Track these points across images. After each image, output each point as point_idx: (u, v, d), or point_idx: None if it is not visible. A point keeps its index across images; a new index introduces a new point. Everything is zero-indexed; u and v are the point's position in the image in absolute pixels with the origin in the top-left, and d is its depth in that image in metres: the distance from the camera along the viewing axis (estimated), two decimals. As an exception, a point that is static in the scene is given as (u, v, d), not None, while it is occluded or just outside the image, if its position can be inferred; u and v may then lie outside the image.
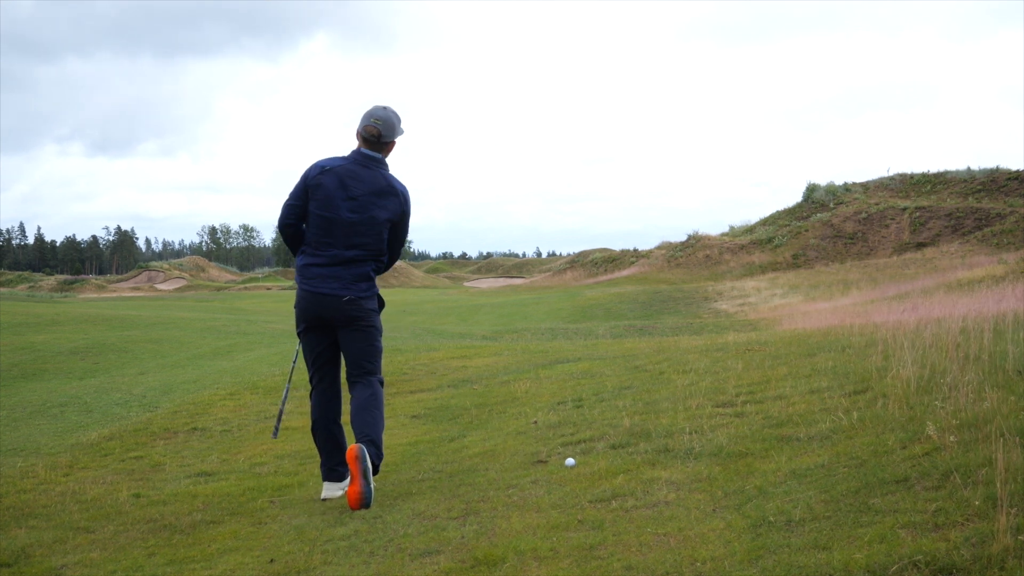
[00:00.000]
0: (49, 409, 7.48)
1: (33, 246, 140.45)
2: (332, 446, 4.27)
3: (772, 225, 35.77)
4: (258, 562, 3.30)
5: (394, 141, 4.23)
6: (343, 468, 4.26)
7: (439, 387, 7.58)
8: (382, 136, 4.15)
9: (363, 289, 4.20)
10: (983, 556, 2.27)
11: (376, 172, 4.17)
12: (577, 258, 51.84)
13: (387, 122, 4.16)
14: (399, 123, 4.23)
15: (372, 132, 4.14)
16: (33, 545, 3.74)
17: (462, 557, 3.01)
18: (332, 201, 4.12)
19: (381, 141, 4.17)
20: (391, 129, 4.17)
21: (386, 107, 4.22)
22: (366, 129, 4.15)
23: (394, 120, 4.19)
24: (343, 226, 4.13)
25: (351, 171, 4.15)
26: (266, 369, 9.35)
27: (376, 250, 4.22)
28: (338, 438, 4.28)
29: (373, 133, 4.14)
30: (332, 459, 4.26)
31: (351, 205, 4.11)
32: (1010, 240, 26.79)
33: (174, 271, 73.53)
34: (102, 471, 5.20)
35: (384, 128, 4.15)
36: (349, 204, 4.11)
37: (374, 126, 4.13)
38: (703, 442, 4.04)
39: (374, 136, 4.15)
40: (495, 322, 19.91)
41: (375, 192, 4.14)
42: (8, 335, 12.99)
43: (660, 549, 2.82)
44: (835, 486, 3.08)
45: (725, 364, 6.26)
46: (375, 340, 4.31)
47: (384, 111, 4.19)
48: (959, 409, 3.58)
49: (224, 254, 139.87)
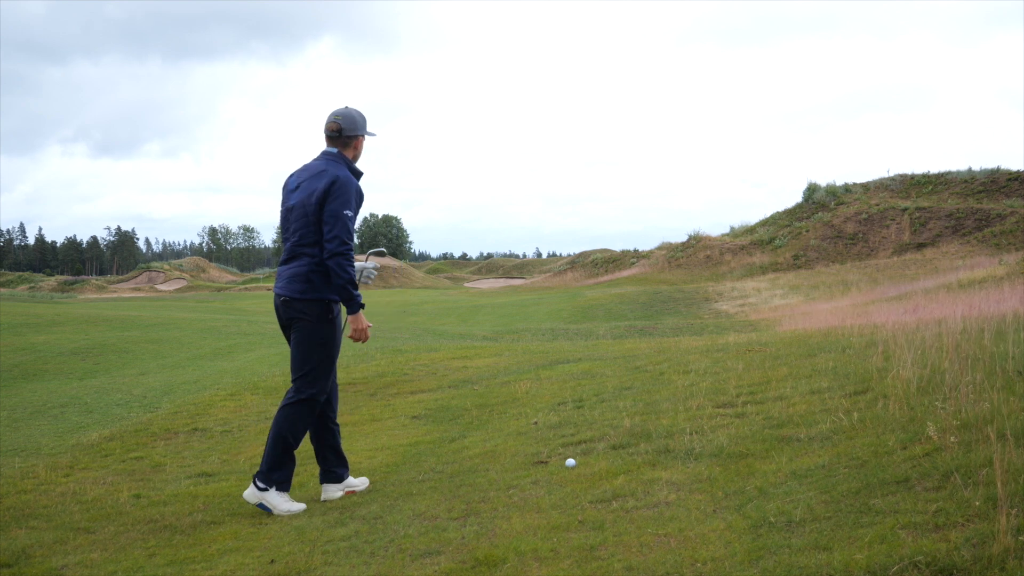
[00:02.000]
0: (49, 410, 7.48)
1: (34, 247, 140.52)
2: (324, 449, 4.28)
3: (772, 226, 35.77)
4: (259, 563, 3.30)
5: (358, 136, 4.24)
6: (340, 470, 4.27)
7: (439, 388, 7.57)
8: (343, 131, 4.20)
9: (297, 290, 4.10)
10: (984, 557, 2.27)
11: (323, 161, 4.19)
12: (577, 259, 51.86)
13: (347, 117, 4.21)
14: (363, 121, 4.26)
15: (331, 128, 4.21)
16: (33, 546, 3.75)
17: (463, 558, 3.01)
18: (284, 195, 4.28)
19: (343, 136, 4.21)
20: (351, 123, 4.21)
21: (348, 106, 4.27)
22: (327, 125, 4.23)
23: (355, 116, 4.23)
24: (284, 216, 4.24)
25: (304, 166, 4.27)
26: (266, 370, 9.35)
27: (311, 240, 4.07)
28: (329, 440, 4.28)
29: (333, 128, 4.21)
30: (327, 462, 4.27)
31: (292, 195, 4.20)
32: (1010, 241, 26.77)
33: (174, 272, 73.52)
34: (102, 472, 5.20)
35: (344, 122, 4.20)
36: (291, 195, 4.21)
37: (334, 121, 4.21)
38: (704, 443, 4.04)
39: (335, 131, 4.21)
40: (495, 323, 19.90)
41: (312, 176, 4.15)
42: (8, 336, 12.99)
43: (661, 550, 2.82)
44: (836, 487, 3.08)
45: (726, 365, 6.26)
46: (307, 348, 4.11)
47: (346, 109, 4.25)
48: (959, 410, 3.58)
49: (224, 255, 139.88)
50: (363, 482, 4.37)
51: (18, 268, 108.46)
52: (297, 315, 4.11)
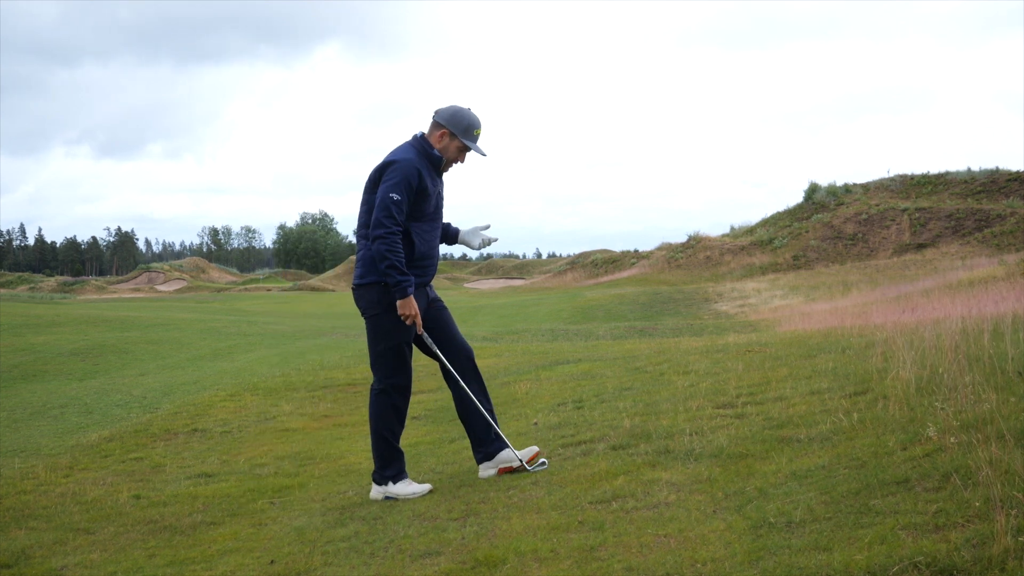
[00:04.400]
0: (49, 410, 7.48)
1: (33, 247, 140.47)
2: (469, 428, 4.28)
3: (772, 226, 35.73)
4: (258, 563, 3.30)
5: (443, 128, 4.06)
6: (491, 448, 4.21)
7: (440, 388, 7.57)
8: (434, 113, 4.13)
9: (357, 275, 4.08)
10: (983, 557, 2.27)
11: (401, 144, 4.11)
12: (577, 259, 51.79)
13: (448, 107, 4.11)
14: (459, 120, 4.05)
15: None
16: (33, 546, 3.75)
17: (463, 558, 3.01)
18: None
19: (433, 119, 4.12)
20: (443, 113, 4.09)
21: (462, 106, 4.14)
22: None
23: (454, 111, 4.08)
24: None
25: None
26: (266, 370, 9.35)
27: (364, 222, 4.03)
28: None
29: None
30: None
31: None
32: (1010, 241, 26.75)
33: (174, 272, 73.45)
34: (102, 472, 5.20)
35: (440, 109, 4.12)
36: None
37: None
38: (703, 443, 4.04)
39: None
40: (495, 323, 19.89)
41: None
42: (8, 336, 12.98)
43: (660, 550, 2.82)
44: (835, 487, 3.08)
45: (725, 365, 6.26)
46: (371, 337, 4.10)
47: (458, 105, 4.13)
48: (959, 410, 3.57)
49: (224, 255, 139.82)
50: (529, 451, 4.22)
51: (18, 269, 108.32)
52: (362, 302, 4.08)
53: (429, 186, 4.01)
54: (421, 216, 4.03)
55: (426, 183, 3.98)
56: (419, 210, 4.01)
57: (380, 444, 4.11)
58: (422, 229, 4.04)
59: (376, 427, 4.12)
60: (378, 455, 4.12)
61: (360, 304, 4.10)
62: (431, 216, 4.09)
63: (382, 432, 4.11)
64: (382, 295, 3.99)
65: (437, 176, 4.12)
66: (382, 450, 4.10)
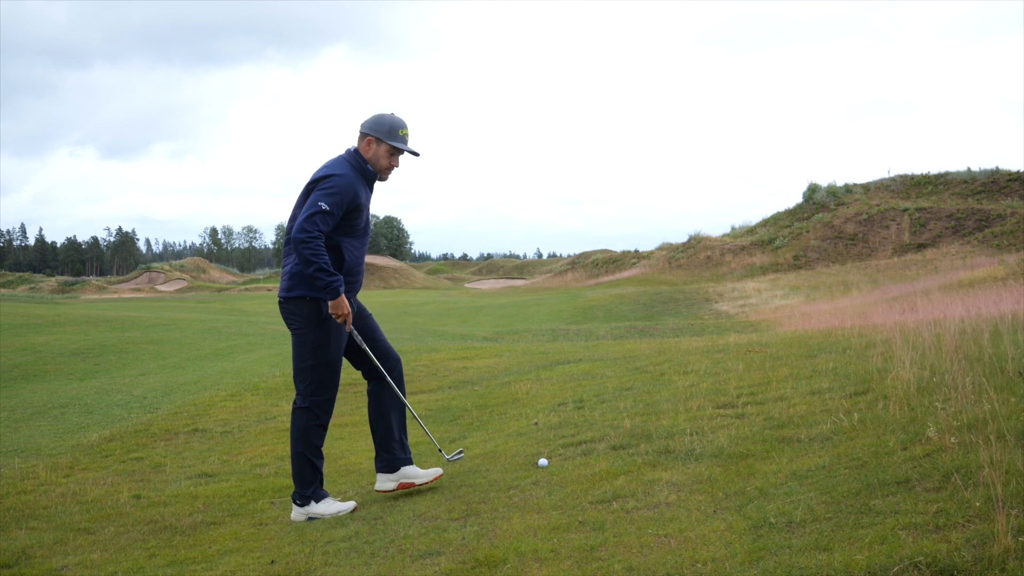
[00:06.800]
0: (50, 410, 7.48)
1: (34, 247, 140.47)
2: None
3: (773, 226, 35.73)
4: (259, 563, 3.30)
5: (367, 136, 4.05)
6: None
7: (440, 388, 7.58)
8: (361, 125, 4.11)
9: (284, 288, 4.00)
10: (984, 557, 2.27)
11: (335, 158, 4.09)
12: (578, 259, 51.84)
13: (371, 117, 4.10)
14: (381, 125, 4.06)
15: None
16: (34, 546, 3.75)
17: (463, 558, 3.01)
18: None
19: (360, 132, 4.10)
20: (367, 122, 4.08)
21: (385, 111, 4.14)
22: None
23: (377, 118, 4.08)
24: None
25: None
26: (267, 370, 9.35)
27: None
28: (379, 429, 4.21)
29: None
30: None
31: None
32: (1011, 241, 26.75)
33: (175, 272, 73.47)
34: (103, 472, 5.20)
35: (365, 120, 4.10)
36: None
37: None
38: (704, 443, 4.04)
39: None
40: (496, 323, 19.90)
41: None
42: (9, 336, 12.99)
43: (661, 550, 2.82)
44: (836, 487, 3.08)
45: (726, 365, 6.26)
46: (299, 352, 3.99)
47: (381, 112, 4.13)
48: (959, 410, 3.57)
49: (225, 255, 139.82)
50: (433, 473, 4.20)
51: (18, 269, 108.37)
52: (289, 316, 4.00)
53: (363, 201, 4.00)
54: (352, 231, 3.99)
55: (360, 199, 3.97)
56: (351, 225, 3.98)
57: (301, 464, 3.97)
58: (352, 244, 4.01)
59: (298, 447, 3.98)
60: (298, 475, 3.97)
61: (287, 318, 4.03)
62: (362, 231, 4.07)
63: (303, 451, 3.98)
64: (311, 309, 3.92)
65: (370, 190, 4.11)
66: (303, 470, 3.97)
